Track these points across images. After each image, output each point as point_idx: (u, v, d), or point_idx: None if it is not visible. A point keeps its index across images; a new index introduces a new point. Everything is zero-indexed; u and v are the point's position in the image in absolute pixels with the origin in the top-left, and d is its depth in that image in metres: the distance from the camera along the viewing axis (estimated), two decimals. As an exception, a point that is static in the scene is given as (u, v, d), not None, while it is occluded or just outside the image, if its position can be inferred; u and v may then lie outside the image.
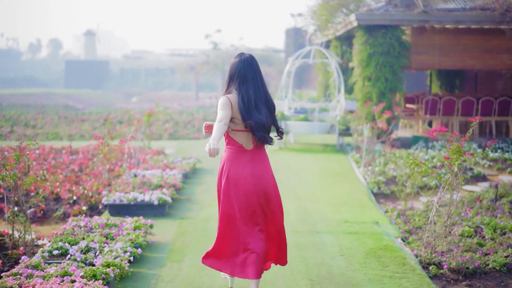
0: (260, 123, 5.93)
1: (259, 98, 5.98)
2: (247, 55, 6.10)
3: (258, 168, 6.09)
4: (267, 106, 6.03)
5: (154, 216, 10.11)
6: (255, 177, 6.05)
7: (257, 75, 6.04)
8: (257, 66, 6.08)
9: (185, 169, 13.70)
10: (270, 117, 6.06)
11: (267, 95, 6.06)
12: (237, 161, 6.06)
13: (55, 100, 52.84)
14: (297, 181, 13.71)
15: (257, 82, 6.01)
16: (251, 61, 6.06)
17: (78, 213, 10.18)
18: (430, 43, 19.75)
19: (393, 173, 14.06)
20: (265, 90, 6.06)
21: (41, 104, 44.91)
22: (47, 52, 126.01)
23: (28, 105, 42.54)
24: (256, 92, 5.98)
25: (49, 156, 16.03)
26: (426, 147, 18.47)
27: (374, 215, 10.45)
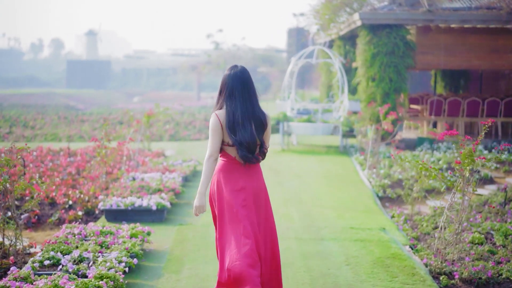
0: (244, 141, 5.69)
1: (245, 115, 5.73)
2: (238, 69, 5.89)
3: (252, 182, 5.85)
4: (255, 122, 5.78)
5: (152, 221, 9.75)
6: (248, 190, 5.82)
7: (246, 89, 5.81)
8: (247, 79, 5.83)
9: (185, 172, 13.34)
10: (258, 133, 5.79)
11: (255, 110, 5.80)
12: (230, 173, 5.85)
13: (56, 100, 52.58)
14: (301, 184, 13.35)
15: (245, 97, 5.78)
16: (241, 75, 5.83)
17: (73, 218, 9.82)
18: (435, 43, 19.39)
19: (399, 176, 13.72)
20: (254, 105, 5.81)
21: (41, 104, 44.63)
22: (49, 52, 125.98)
23: (28, 105, 42.25)
24: (243, 108, 5.74)
25: (46, 158, 15.68)
26: (431, 149, 18.11)
27: (381, 221, 10.09)
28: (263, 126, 5.81)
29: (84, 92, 63.80)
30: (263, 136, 5.84)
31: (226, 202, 5.82)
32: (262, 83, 55.61)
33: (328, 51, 20.94)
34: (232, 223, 5.79)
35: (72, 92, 63.04)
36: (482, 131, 7.69)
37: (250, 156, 5.73)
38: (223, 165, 5.86)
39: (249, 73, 5.89)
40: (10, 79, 77.93)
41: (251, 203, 5.80)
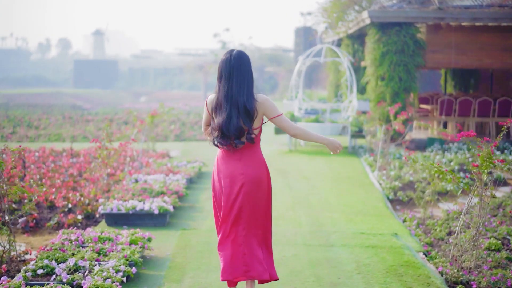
0: (218, 125, 5.67)
1: (227, 99, 5.64)
2: (232, 53, 5.77)
3: (248, 168, 5.76)
4: (237, 107, 5.64)
5: (154, 226, 9.37)
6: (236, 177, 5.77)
7: (234, 74, 5.68)
8: (238, 64, 5.70)
9: (190, 174, 12.96)
10: (243, 119, 5.63)
11: (239, 95, 5.64)
12: (222, 159, 5.87)
13: (63, 100, 52.40)
14: (309, 187, 12.95)
15: (231, 82, 5.67)
16: (232, 60, 5.71)
17: (73, 222, 9.45)
18: (446, 41, 18.98)
19: (410, 177, 13.32)
20: (239, 90, 5.64)
21: (48, 104, 44.39)
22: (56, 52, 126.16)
23: (35, 105, 42.00)
24: (225, 92, 5.66)
25: (48, 159, 15.33)
26: (442, 150, 17.73)
27: (392, 225, 9.68)
28: (248, 112, 5.63)
29: (91, 92, 63.58)
30: (251, 122, 5.66)
31: (213, 189, 5.97)
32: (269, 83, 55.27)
33: (337, 50, 20.54)
34: (217, 210, 5.99)
35: (79, 92, 62.83)
36: (501, 133, 7.29)
37: (223, 141, 5.66)
38: (218, 152, 5.91)
39: (244, 59, 5.75)
40: (17, 78, 77.92)
41: (233, 191, 5.75)
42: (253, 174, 5.76)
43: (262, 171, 5.83)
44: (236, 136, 5.64)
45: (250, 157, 5.78)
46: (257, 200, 5.81)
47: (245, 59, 5.73)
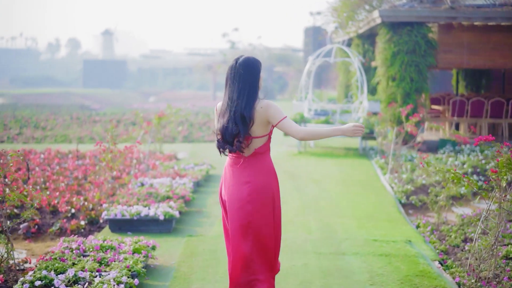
0: (218, 130, 5.60)
1: (228, 104, 5.53)
2: (236, 59, 5.63)
3: (254, 176, 5.57)
4: (236, 114, 5.48)
5: (160, 232, 9.07)
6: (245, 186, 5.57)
7: (237, 80, 5.53)
8: (241, 70, 5.53)
9: (197, 177, 12.65)
10: (236, 125, 5.47)
11: (239, 102, 5.48)
12: (232, 167, 5.68)
13: (72, 100, 52.35)
14: (318, 190, 12.63)
15: (233, 88, 5.53)
16: (236, 65, 5.57)
17: (75, 228, 9.17)
18: (458, 41, 18.66)
19: (422, 181, 13.00)
20: (240, 97, 5.48)
21: (56, 104, 44.29)
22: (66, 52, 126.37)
23: (43, 105, 41.88)
24: (228, 99, 5.55)
25: (53, 161, 15.05)
26: (454, 152, 17.38)
27: (405, 232, 9.35)
28: (244, 119, 5.44)
29: (100, 92, 63.51)
30: (247, 130, 5.47)
31: (220, 197, 5.89)
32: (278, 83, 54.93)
33: (347, 50, 20.21)
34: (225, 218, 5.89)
35: (88, 92, 62.77)
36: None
37: (222, 146, 5.58)
38: (226, 160, 5.79)
39: (250, 66, 5.56)
40: (26, 78, 78.03)
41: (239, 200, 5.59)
42: (259, 183, 5.55)
43: (270, 179, 5.62)
44: (230, 142, 5.52)
45: (257, 165, 5.59)
46: (264, 209, 5.58)
47: (251, 66, 5.54)
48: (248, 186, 5.54)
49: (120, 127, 24.88)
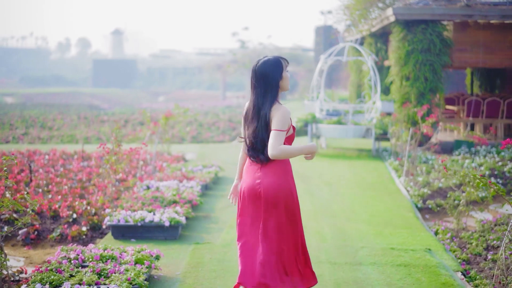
0: (248, 139, 5.46)
1: (254, 111, 5.41)
2: (260, 61, 5.47)
3: (266, 177, 5.39)
4: (261, 119, 5.38)
5: (165, 239, 8.60)
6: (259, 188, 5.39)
7: (259, 83, 5.39)
8: (263, 73, 5.38)
9: (205, 180, 12.18)
10: (262, 131, 5.37)
11: (264, 107, 5.36)
12: (248, 168, 5.54)
13: (81, 99, 52.12)
14: (332, 194, 12.15)
15: (257, 92, 5.41)
16: (258, 68, 5.41)
17: (77, 234, 8.71)
18: (474, 40, 18.13)
19: (439, 184, 12.51)
20: (264, 101, 5.36)
21: (65, 103, 44.02)
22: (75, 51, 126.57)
23: (52, 104, 41.60)
24: (254, 104, 5.42)
25: (58, 162, 14.62)
26: (470, 153, 16.88)
27: (424, 239, 8.86)
28: (267, 124, 5.34)
29: (110, 91, 63.26)
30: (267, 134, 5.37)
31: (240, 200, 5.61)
32: (288, 83, 54.25)
33: (360, 49, 19.70)
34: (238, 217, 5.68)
35: (98, 92, 62.53)
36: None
37: (254, 154, 5.41)
38: (246, 162, 5.63)
39: (268, 68, 5.38)
40: (36, 78, 77.92)
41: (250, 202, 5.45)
42: (271, 183, 5.36)
43: (284, 179, 5.41)
44: (259, 150, 5.40)
45: (272, 165, 5.40)
46: (278, 211, 5.38)
47: (269, 68, 5.37)
48: (259, 186, 5.37)
49: (128, 127, 24.48)
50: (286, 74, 5.44)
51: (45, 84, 74.01)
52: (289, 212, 5.39)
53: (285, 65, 5.44)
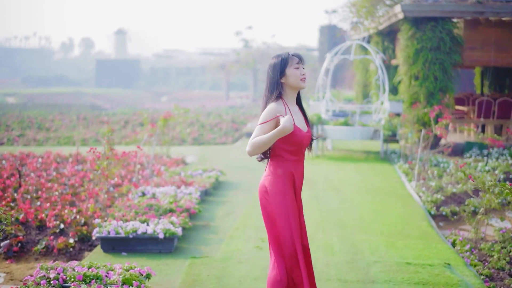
0: None
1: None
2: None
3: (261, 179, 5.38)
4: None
5: (159, 252, 7.88)
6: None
7: (265, 80, 5.36)
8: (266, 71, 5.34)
9: (205, 186, 11.46)
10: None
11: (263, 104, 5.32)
12: None
13: (83, 99, 51.63)
14: (339, 200, 11.41)
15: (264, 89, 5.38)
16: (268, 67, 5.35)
17: (63, 247, 7.99)
18: (485, 38, 17.48)
19: (453, 189, 11.80)
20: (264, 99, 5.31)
21: (67, 104, 43.44)
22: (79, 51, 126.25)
23: (53, 105, 41.02)
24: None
25: (51, 166, 13.91)
26: (482, 155, 16.21)
27: (442, 252, 8.11)
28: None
29: (112, 92, 62.72)
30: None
31: None
32: (292, 83, 53.49)
33: (368, 47, 18.99)
34: None
35: (100, 92, 61.99)
36: None
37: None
38: None
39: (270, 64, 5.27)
40: (39, 78, 77.48)
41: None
42: (260, 184, 5.31)
43: (265, 179, 5.25)
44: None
45: (268, 164, 5.32)
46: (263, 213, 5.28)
47: (270, 65, 5.28)
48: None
49: (128, 128, 23.79)
50: (293, 71, 5.15)
51: (48, 84, 73.52)
52: (265, 214, 5.22)
53: (291, 61, 5.15)
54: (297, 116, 5.24)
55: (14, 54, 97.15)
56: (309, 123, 5.38)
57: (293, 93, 5.23)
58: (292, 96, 5.23)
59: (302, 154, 5.29)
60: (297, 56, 5.22)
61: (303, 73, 5.20)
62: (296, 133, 5.10)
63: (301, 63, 5.23)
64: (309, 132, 5.29)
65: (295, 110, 5.27)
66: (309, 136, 5.26)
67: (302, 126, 5.23)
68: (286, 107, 5.16)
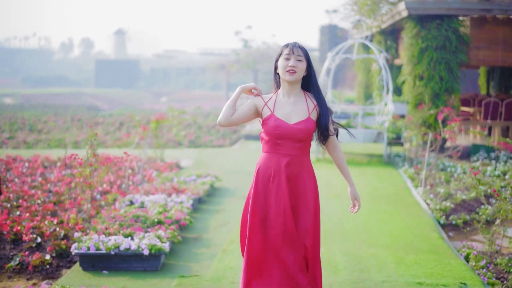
0: None
1: None
2: None
3: None
4: None
5: (145, 270, 7.12)
6: None
7: None
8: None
9: (198, 193, 10.71)
10: None
11: None
12: None
13: (82, 100, 51.10)
14: (342, 208, 10.66)
15: None
16: None
17: (39, 263, 7.25)
18: (492, 37, 16.88)
19: (463, 196, 11.08)
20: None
21: (65, 104, 42.86)
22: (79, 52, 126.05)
23: (51, 105, 40.43)
24: None
25: (37, 171, 13.16)
26: (489, 158, 15.52)
27: (455, 269, 7.36)
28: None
29: (112, 92, 62.17)
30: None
31: None
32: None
33: (371, 46, 18.27)
34: None
35: (100, 92, 61.43)
36: None
37: None
38: None
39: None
40: (39, 78, 77.00)
41: None
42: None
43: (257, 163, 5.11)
44: None
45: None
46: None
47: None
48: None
49: (123, 130, 23.07)
50: (281, 62, 4.98)
51: (47, 85, 72.98)
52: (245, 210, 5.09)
53: (283, 52, 5.00)
54: (289, 107, 4.99)
55: (15, 54, 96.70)
56: (322, 117, 5.04)
57: (288, 85, 5.00)
58: (288, 88, 5.01)
59: (287, 148, 4.97)
60: (290, 46, 4.97)
61: (291, 64, 4.91)
62: (270, 121, 4.92)
63: (293, 53, 4.95)
64: (301, 124, 4.95)
65: (290, 101, 5.01)
66: (297, 129, 4.93)
67: (287, 117, 4.95)
68: (274, 95, 5.06)
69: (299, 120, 4.96)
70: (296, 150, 4.98)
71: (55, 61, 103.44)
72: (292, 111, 4.97)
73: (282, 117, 4.95)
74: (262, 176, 5.00)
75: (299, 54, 4.95)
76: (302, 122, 4.95)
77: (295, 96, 5.02)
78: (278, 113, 4.96)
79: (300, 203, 4.96)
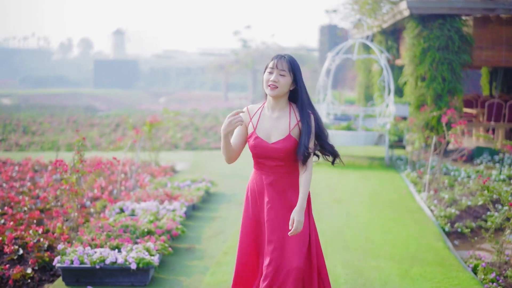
0: None
1: None
2: None
3: None
4: None
5: (132, 285, 6.64)
6: None
7: None
8: None
9: (192, 200, 10.25)
10: None
11: None
12: None
13: (81, 100, 50.73)
14: (343, 215, 10.21)
15: None
16: None
17: (20, 277, 6.79)
18: (496, 36, 16.56)
19: (468, 202, 10.64)
20: None
21: (63, 105, 42.43)
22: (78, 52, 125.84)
23: (48, 106, 39.98)
24: None
25: (27, 175, 12.71)
26: (493, 161, 15.11)
27: (464, 282, 6.92)
28: None
29: (111, 92, 61.80)
30: None
31: None
32: (292, 83, 52.63)
33: (372, 46, 17.85)
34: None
35: (98, 92, 61.07)
36: None
37: None
38: None
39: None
40: (38, 78, 76.64)
41: None
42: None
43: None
44: None
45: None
46: None
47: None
48: None
49: (119, 132, 22.61)
50: (265, 75, 4.81)
51: (46, 85, 72.63)
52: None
53: (268, 65, 4.82)
54: (271, 122, 4.83)
55: (14, 55, 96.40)
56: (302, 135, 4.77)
57: (272, 99, 4.83)
58: (273, 102, 4.84)
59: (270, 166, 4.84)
60: (275, 59, 4.77)
61: (272, 79, 4.72)
62: (251, 139, 4.83)
63: (277, 67, 4.74)
64: (279, 144, 4.75)
65: (274, 116, 4.83)
66: (275, 148, 4.75)
67: (267, 135, 4.81)
68: (260, 108, 4.90)
69: (278, 139, 4.79)
70: (280, 168, 4.82)
71: (54, 61, 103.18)
72: (273, 128, 4.82)
73: (263, 135, 4.82)
74: (251, 193, 4.93)
75: (283, 69, 4.73)
76: (280, 141, 4.77)
77: (279, 110, 4.85)
78: (260, 131, 4.83)
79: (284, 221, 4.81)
